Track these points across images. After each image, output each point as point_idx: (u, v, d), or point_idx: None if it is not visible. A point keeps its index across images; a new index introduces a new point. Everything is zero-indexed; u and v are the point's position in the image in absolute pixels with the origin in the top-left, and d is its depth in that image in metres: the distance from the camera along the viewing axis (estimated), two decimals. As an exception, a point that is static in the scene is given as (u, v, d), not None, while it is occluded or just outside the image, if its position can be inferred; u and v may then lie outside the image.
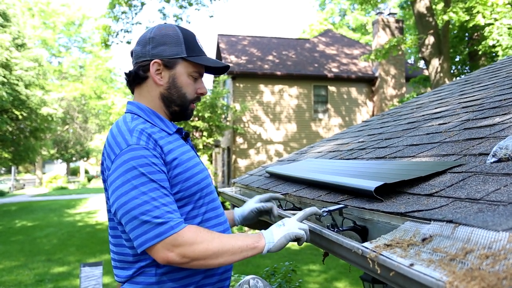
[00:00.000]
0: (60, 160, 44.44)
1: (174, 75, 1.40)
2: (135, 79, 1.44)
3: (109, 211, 1.35)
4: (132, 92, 1.50)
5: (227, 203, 12.60)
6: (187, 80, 1.42)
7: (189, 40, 1.42)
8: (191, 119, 12.38)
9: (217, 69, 1.53)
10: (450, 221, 0.92)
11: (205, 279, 1.34)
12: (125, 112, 1.44)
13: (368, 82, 16.91)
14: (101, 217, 14.94)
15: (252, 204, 1.70)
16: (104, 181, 1.34)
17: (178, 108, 1.44)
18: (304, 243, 1.36)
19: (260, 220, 1.77)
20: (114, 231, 1.36)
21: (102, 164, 1.34)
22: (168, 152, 1.30)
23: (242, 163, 15.57)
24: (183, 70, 1.41)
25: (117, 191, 1.21)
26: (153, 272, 1.28)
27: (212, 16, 15.29)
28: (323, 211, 1.38)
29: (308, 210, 1.39)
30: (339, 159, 2.49)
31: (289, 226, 1.32)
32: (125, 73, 1.46)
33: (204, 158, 14.03)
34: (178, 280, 1.30)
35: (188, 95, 1.44)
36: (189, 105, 1.46)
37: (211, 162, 16.64)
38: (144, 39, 1.42)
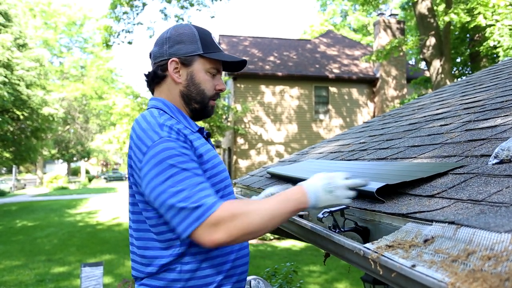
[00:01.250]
0: (61, 160, 44.48)
1: (192, 72, 1.43)
2: (154, 79, 1.47)
3: (131, 204, 1.37)
4: (152, 93, 1.53)
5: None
6: (205, 77, 1.44)
7: (204, 37, 1.44)
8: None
9: (235, 66, 1.54)
10: (452, 222, 0.92)
11: (226, 279, 1.36)
12: (149, 107, 1.44)
13: (369, 83, 16.91)
14: (102, 217, 14.95)
15: (272, 189, 1.70)
16: (131, 175, 1.34)
17: (198, 105, 1.46)
18: (305, 244, 1.36)
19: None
20: (137, 224, 1.36)
21: (130, 157, 1.35)
22: (197, 148, 1.32)
23: (243, 163, 15.57)
24: (201, 67, 1.43)
25: (151, 182, 1.22)
26: (178, 269, 1.29)
27: (213, 17, 15.30)
28: (324, 212, 1.38)
29: (358, 182, 1.32)
30: (340, 160, 2.49)
31: (337, 197, 1.27)
32: (144, 74, 1.49)
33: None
34: (201, 278, 1.31)
35: (207, 92, 1.45)
36: (209, 102, 1.47)
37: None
38: (161, 40, 1.46)
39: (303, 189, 1.26)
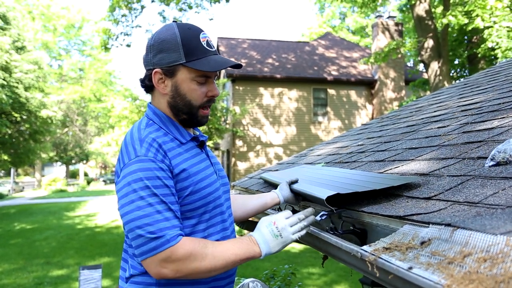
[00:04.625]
0: (59, 163, 44.43)
1: (176, 83, 1.35)
2: (144, 87, 1.44)
3: None
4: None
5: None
6: (191, 86, 1.35)
7: (188, 43, 1.32)
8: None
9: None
10: (449, 225, 0.93)
11: None
12: (145, 114, 1.43)
13: (367, 85, 16.93)
14: (101, 220, 14.92)
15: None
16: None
17: (186, 116, 1.39)
18: (303, 246, 1.37)
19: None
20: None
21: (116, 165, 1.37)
22: (176, 165, 1.29)
23: (241, 166, 15.57)
24: (185, 76, 1.34)
25: (120, 200, 1.24)
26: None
27: (212, 19, 15.33)
28: (322, 214, 1.38)
29: (305, 220, 1.36)
30: (338, 162, 2.50)
31: (286, 238, 1.31)
32: (139, 80, 1.46)
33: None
34: (180, 284, 1.30)
35: (194, 102, 1.36)
36: (197, 112, 1.38)
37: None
38: (147, 47, 1.39)
39: (255, 240, 1.30)
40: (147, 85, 1.41)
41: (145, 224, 1.17)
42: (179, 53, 1.32)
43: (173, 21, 1.42)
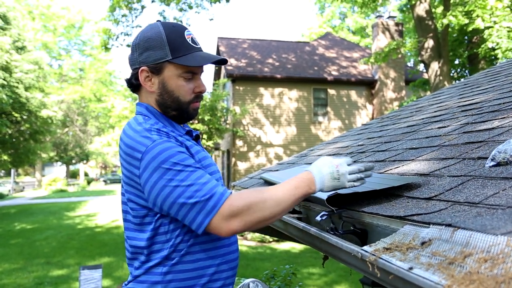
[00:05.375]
0: (59, 163, 44.43)
1: (163, 80, 1.36)
2: (131, 87, 1.44)
3: (125, 212, 1.36)
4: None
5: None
6: (178, 83, 1.37)
7: (173, 40, 1.34)
8: (191, 121, 12.36)
9: (219, 60, 1.43)
10: (449, 225, 0.93)
11: (210, 283, 1.34)
12: (136, 113, 1.43)
13: (367, 85, 16.93)
14: (101, 220, 14.92)
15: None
16: (125, 183, 1.33)
17: (176, 112, 1.40)
18: (304, 246, 1.37)
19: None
20: (128, 231, 1.37)
21: (122, 166, 1.35)
22: (188, 148, 1.32)
23: (242, 166, 15.57)
24: (171, 73, 1.36)
25: (156, 186, 1.22)
26: (159, 271, 1.29)
27: (212, 19, 15.34)
28: (322, 214, 1.39)
29: (364, 172, 1.34)
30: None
31: (341, 183, 1.30)
32: (125, 80, 1.46)
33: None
34: (183, 280, 1.30)
35: (182, 98, 1.38)
36: (187, 107, 1.40)
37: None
38: (132, 46, 1.40)
39: (311, 176, 1.29)
40: (134, 84, 1.42)
41: (194, 191, 1.18)
42: (165, 50, 1.33)
43: (157, 21, 1.43)
